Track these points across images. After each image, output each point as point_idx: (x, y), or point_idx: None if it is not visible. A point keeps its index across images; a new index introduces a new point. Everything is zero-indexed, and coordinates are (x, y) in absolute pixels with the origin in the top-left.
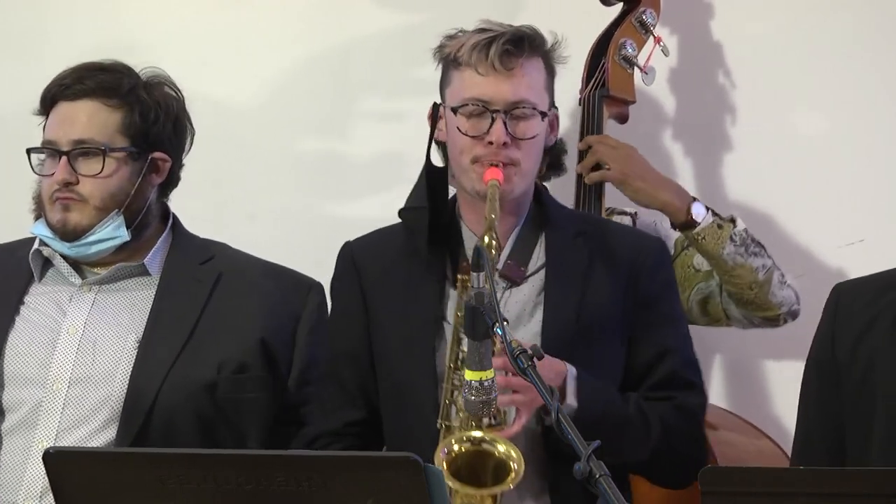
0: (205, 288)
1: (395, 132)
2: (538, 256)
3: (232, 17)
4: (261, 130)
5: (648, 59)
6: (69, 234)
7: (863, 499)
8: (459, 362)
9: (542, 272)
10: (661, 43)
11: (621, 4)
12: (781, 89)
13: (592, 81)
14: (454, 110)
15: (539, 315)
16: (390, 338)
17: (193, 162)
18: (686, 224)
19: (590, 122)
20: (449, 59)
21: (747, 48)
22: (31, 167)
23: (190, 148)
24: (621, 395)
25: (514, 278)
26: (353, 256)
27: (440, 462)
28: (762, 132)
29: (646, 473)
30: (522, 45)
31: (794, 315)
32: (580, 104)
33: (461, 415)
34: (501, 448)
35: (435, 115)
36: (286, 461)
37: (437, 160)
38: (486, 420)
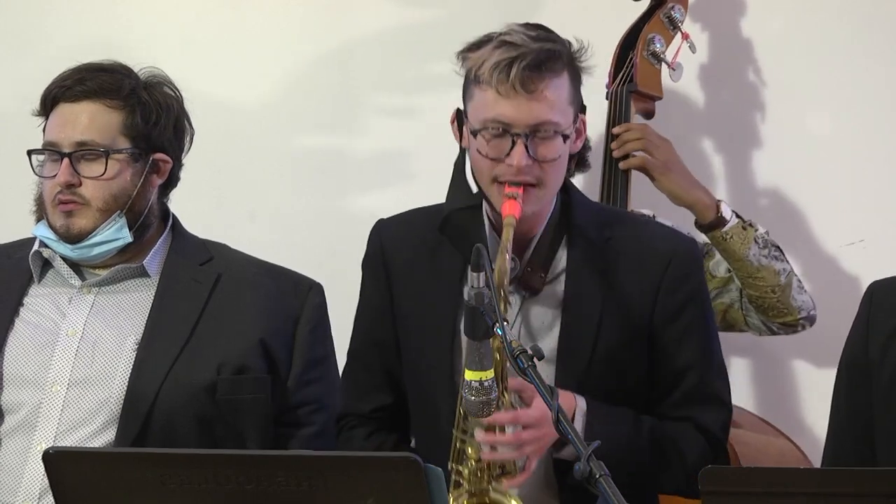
0: (204, 289)
1: (398, 130)
2: (560, 260)
3: (232, 15)
4: (261, 130)
5: (676, 55)
6: (73, 237)
7: (863, 499)
8: None
9: (563, 277)
10: (689, 39)
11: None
12: (792, 89)
13: (620, 76)
14: (474, 133)
15: (556, 330)
16: (412, 333)
17: (194, 162)
18: (714, 223)
19: (617, 117)
20: (470, 74)
21: (773, 45)
22: (32, 168)
23: (189, 148)
24: (635, 424)
25: (533, 286)
26: (382, 242)
27: None
28: (762, 132)
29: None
30: (543, 66)
31: (811, 321)
32: (607, 98)
33: (471, 463)
34: None
35: (459, 121)
36: (286, 461)
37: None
38: (497, 470)
